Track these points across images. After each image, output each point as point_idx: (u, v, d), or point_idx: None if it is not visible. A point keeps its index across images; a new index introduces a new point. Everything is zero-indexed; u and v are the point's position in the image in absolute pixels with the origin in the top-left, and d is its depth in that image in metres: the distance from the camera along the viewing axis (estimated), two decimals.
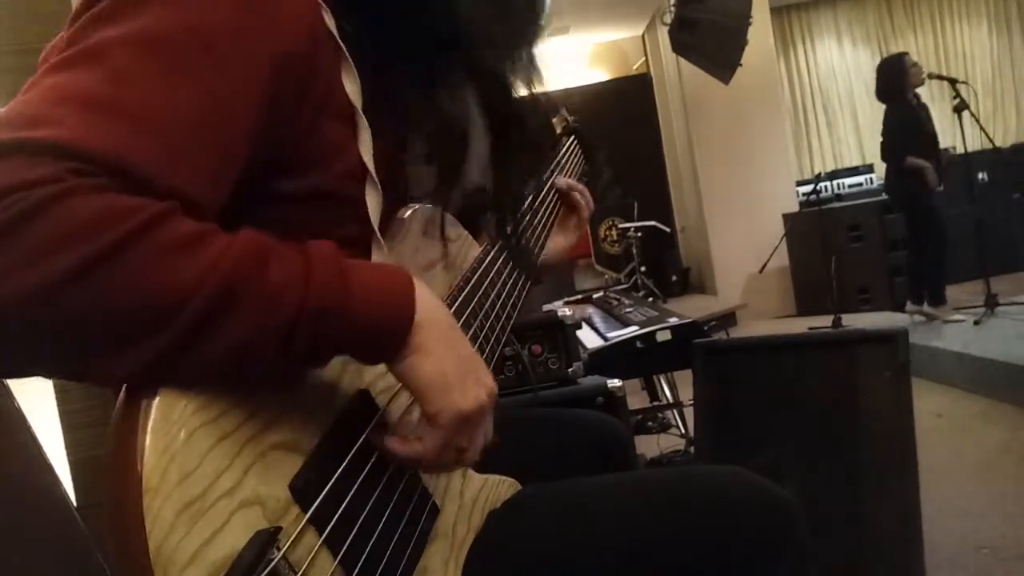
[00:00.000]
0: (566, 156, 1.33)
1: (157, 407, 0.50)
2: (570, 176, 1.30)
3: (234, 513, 0.51)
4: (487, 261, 0.92)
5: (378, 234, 0.71)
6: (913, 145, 4.36)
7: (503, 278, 0.94)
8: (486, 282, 0.90)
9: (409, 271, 0.64)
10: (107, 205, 0.48)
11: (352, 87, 0.67)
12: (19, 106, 0.51)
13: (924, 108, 4.52)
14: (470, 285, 0.86)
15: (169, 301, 0.49)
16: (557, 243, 1.22)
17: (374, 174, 0.69)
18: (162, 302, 0.49)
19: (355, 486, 0.62)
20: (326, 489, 0.58)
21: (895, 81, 4.45)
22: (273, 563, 0.51)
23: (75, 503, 0.97)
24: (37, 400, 1.33)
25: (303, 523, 0.56)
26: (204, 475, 0.50)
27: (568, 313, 1.58)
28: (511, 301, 0.96)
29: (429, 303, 0.63)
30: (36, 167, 0.47)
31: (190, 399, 0.52)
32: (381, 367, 0.68)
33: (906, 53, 4.72)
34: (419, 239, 0.82)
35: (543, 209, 1.17)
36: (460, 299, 0.83)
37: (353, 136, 0.68)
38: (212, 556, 0.49)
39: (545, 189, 1.20)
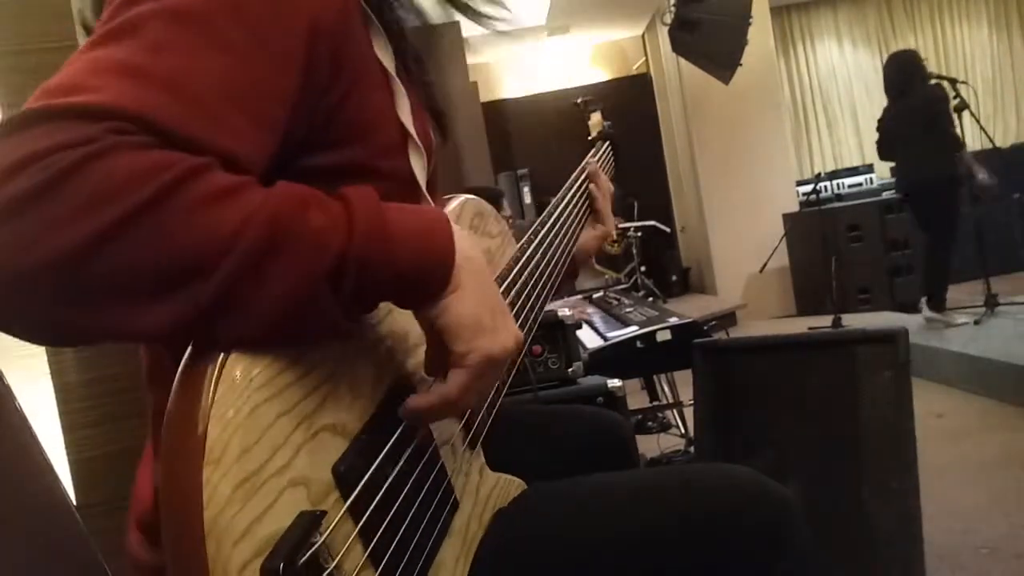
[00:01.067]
0: (600, 159, 1.35)
1: (225, 374, 0.50)
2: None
3: (283, 491, 0.52)
4: (524, 258, 0.93)
5: (428, 197, 0.72)
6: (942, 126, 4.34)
7: (535, 276, 0.95)
8: (520, 280, 0.90)
9: (445, 214, 0.64)
10: (147, 160, 0.48)
11: (384, 53, 0.69)
12: (59, 79, 0.51)
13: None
14: (506, 282, 0.86)
15: (212, 248, 0.49)
16: (588, 234, 1.23)
17: (416, 138, 0.70)
18: (205, 249, 0.49)
19: (392, 476, 0.62)
20: (366, 477, 0.59)
21: (917, 70, 4.44)
22: (315, 546, 0.51)
23: (75, 503, 0.97)
24: (37, 401, 1.33)
25: (343, 511, 0.56)
26: (262, 451, 0.51)
27: (568, 313, 1.58)
28: (542, 296, 0.97)
29: (467, 246, 0.63)
30: (76, 129, 0.48)
31: (256, 370, 0.52)
32: (420, 358, 0.68)
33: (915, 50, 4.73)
34: (466, 231, 0.83)
35: (577, 198, 1.18)
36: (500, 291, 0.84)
37: (391, 103, 0.69)
38: (261, 532, 0.49)
39: (577, 184, 1.21)
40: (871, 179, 6.81)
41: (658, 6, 6.79)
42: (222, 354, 0.51)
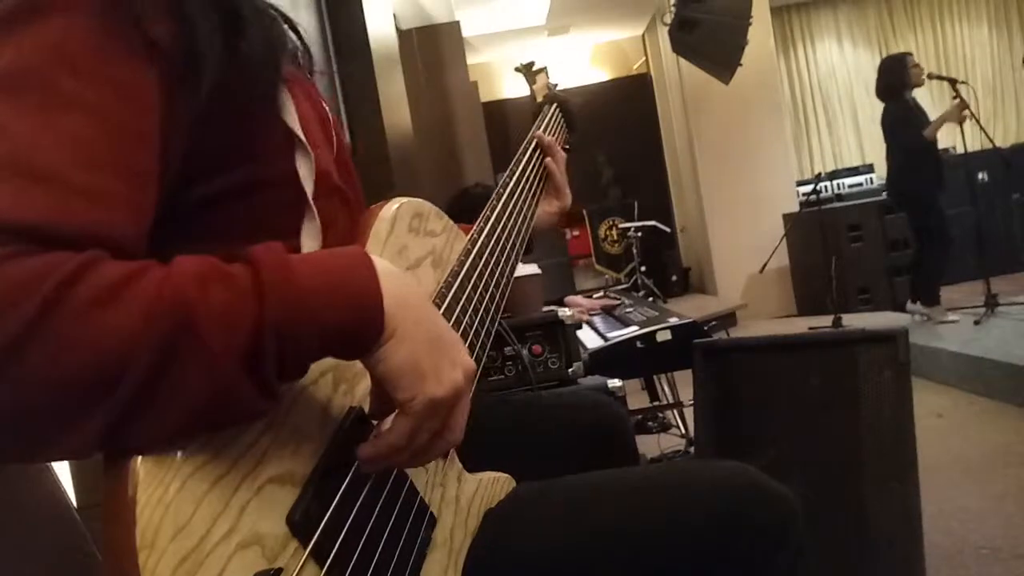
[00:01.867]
0: (548, 124, 1.30)
1: (144, 459, 0.49)
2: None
3: (232, 557, 0.51)
4: (475, 251, 0.90)
5: (311, 203, 0.68)
6: (914, 141, 4.37)
7: (491, 266, 0.93)
8: (475, 273, 0.88)
9: (363, 248, 0.61)
10: (20, 273, 0.44)
11: None
12: None
13: (921, 110, 4.53)
14: (459, 279, 0.84)
15: (111, 360, 0.45)
16: (543, 209, 1.21)
17: (303, 137, 0.67)
18: (104, 362, 0.45)
19: (354, 510, 0.60)
20: (325, 519, 0.57)
21: (896, 79, 4.46)
22: None
23: (75, 503, 0.97)
24: None
25: (303, 558, 0.55)
26: (199, 524, 0.50)
27: (568, 313, 1.58)
28: (501, 283, 0.94)
29: (395, 283, 0.58)
30: None
31: (181, 443, 0.50)
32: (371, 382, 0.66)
33: (909, 53, 4.72)
34: (405, 236, 0.81)
35: (529, 172, 1.16)
36: (450, 296, 0.82)
37: (272, 106, 0.66)
38: None
39: (529, 152, 1.18)
40: (871, 179, 6.80)
41: (658, 6, 6.79)
42: None
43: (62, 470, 1.19)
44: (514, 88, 8.10)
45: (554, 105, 1.36)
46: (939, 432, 3.03)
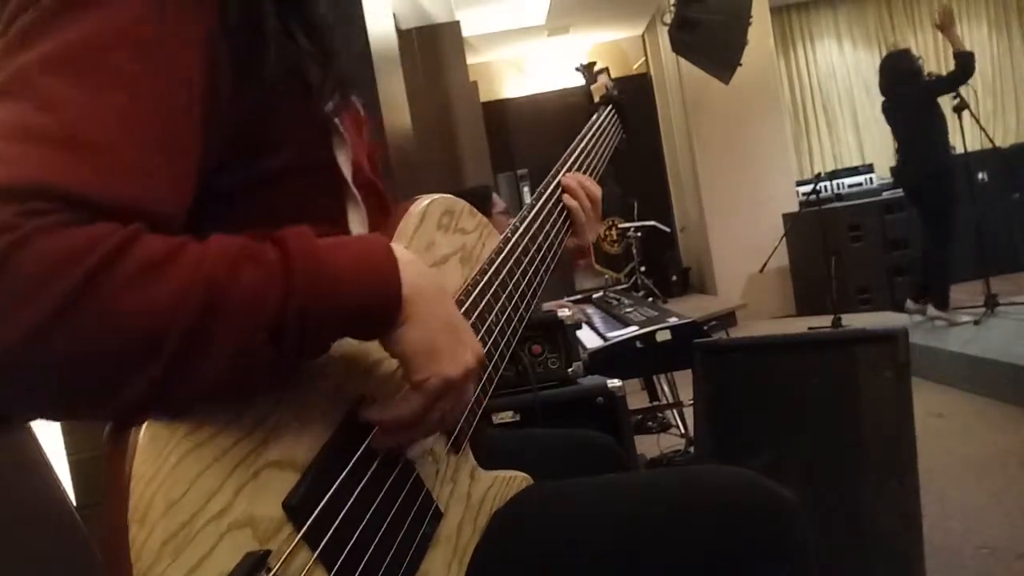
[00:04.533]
0: (603, 125, 1.27)
1: (146, 431, 0.50)
2: (605, 148, 1.23)
3: (223, 536, 0.51)
4: (506, 251, 0.90)
5: (353, 188, 0.71)
6: (937, 120, 4.35)
7: (523, 267, 0.92)
8: (504, 272, 0.88)
9: (384, 237, 0.63)
10: (68, 243, 0.46)
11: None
12: None
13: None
14: (486, 277, 0.84)
15: (150, 330, 0.48)
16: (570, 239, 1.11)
17: (340, 126, 0.69)
18: (143, 332, 0.48)
19: (353, 498, 0.61)
20: (321, 505, 0.58)
21: (905, 67, 4.47)
22: None
23: (75, 503, 0.97)
24: None
25: (295, 542, 0.55)
26: (191, 501, 0.50)
27: (568, 313, 1.58)
28: (531, 290, 0.94)
29: (413, 271, 0.62)
30: None
31: (180, 422, 0.51)
32: (383, 372, 0.67)
33: (908, 49, 4.75)
34: (433, 232, 0.82)
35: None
36: (476, 292, 0.82)
37: (307, 96, 0.67)
38: None
39: (574, 156, 1.13)
40: (871, 179, 6.80)
41: (658, 6, 6.79)
42: None
43: (62, 470, 1.19)
44: (514, 88, 8.10)
45: (610, 107, 1.34)
46: (939, 432, 3.03)
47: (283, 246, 0.55)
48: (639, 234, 5.54)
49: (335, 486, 0.59)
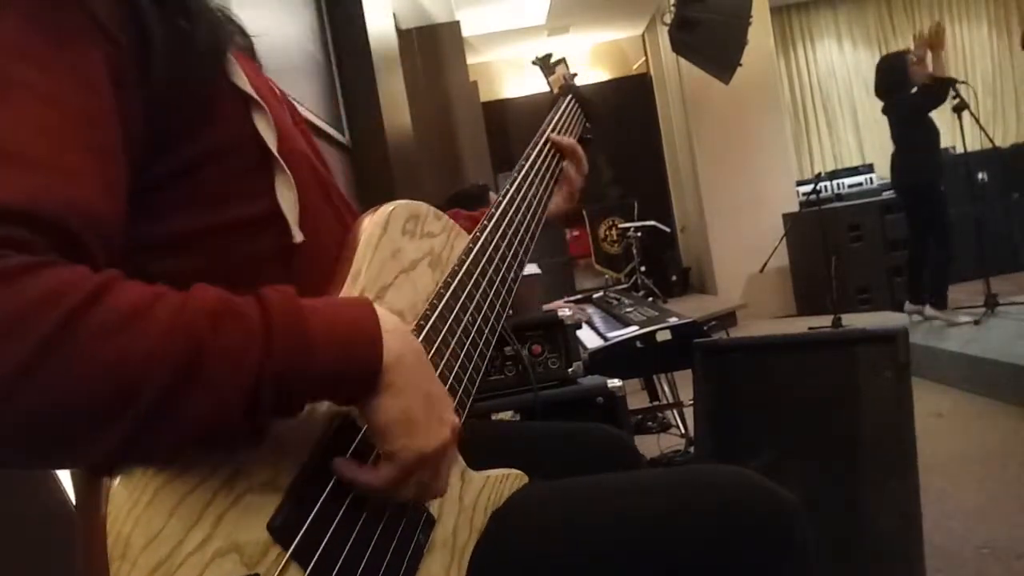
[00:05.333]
0: (564, 115, 1.27)
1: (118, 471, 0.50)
2: (569, 136, 1.24)
3: (208, 566, 0.51)
4: (476, 249, 0.89)
5: (279, 157, 0.69)
6: (923, 132, 4.37)
7: (495, 263, 0.91)
8: (476, 271, 0.87)
9: (370, 300, 0.62)
10: (34, 290, 0.45)
11: None
12: None
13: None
14: (458, 278, 0.83)
15: (123, 385, 0.46)
16: (554, 202, 1.17)
17: (255, 95, 0.68)
18: (116, 387, 0.46)
19: (340, 513, 0.60)
20: (307, 522, 0.57)
21: (897, 76, 4.47)
22: None
23: (75, 503, 0.97)
24: None
25: (284, 562, 0.55)
26: (171, 534, 0.50)
27: (568, 313, 1.58)
28: (508, 279, 0.93)
29: (398, 340, 0.61)
30: None
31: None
32: None
33: (908, 51, 4.73)
34: (399, 239, 0.80)
35: (540, 169, 1.13)
36: (448, 294, 0.81)
37: (222, 74, 0.67)
38: None
39: (540, 145, 1.16)
40: (871, 179, 6.80)
41: (658, 6, 6.80)
42: None
43: (62, 470, 1.19)
44: (514, 88, 8.10)
45: (569, 96, 1.33)
46: (939, 432, 3.03)
47: (265, 304, 0.54)
48: (639, 234, 5.54)
49: (320, 503, 0.59)
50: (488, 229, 0.93)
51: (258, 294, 0.55)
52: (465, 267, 0.86)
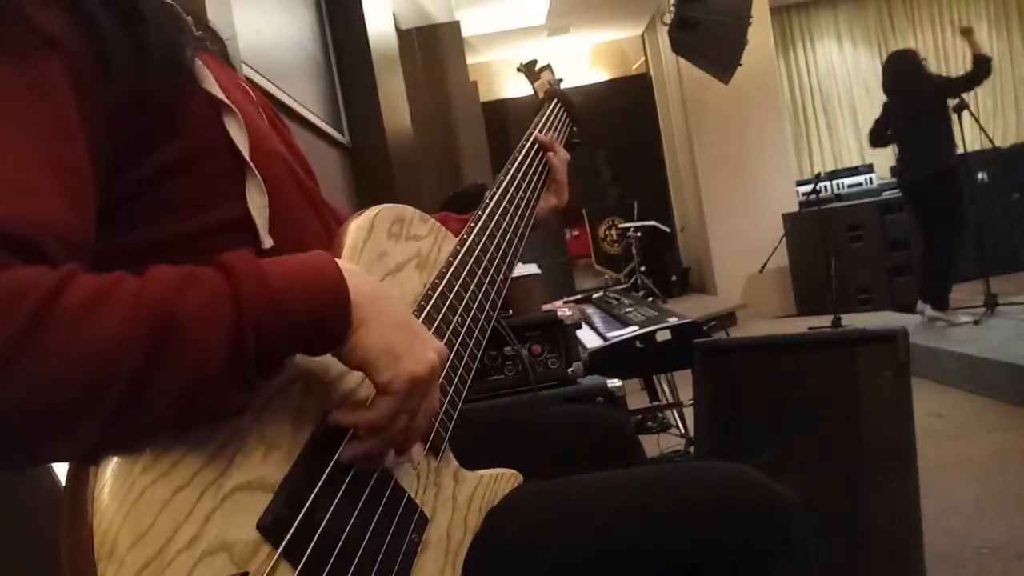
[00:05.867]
0: (549, 118, 1.29)
1: (102, 470, 0.49)
2: (556, 137, 1.27)
3: (197, 565, 0.51)
4: (463, 251, 0.90)
5: (249, 161, 0.69)
6: (946, 120, 4.36)
7: (483, 264, 0.92)
8: (464, 272, 0.87)
9: (327, 253, 0.63)
10: (1, 289, 0.45)
11: None
12: None
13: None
14: (446, 279, 0.84)
15: (100, 368, 0.47)
16: (546, 200, 1.20)
17: (225, 99, 0.68)
18: (91, 370, 0.46)
19: (330, 510, 0.60)
20: (297, 520, 0.57)
21: (912, 69, 4.47)
22: None
23: (61, 502, 0.96)
24: None
25: (274, 561, 0.55)
26: (159, 533, 0.49)
27: (568, 313, 1.58)
28: (497, 280, 0.94)
29: (357, 278, 0.62)
30: None
31: (137, 456, 0.50)
32: (344, 390, 0.67)
33: (912, 48, 4.76)
34: (384, 242, 0.80)
35: (527, 170, 1.15)
36: (436, 295, 0.81)
37: (190, 80, 0.67)
38: None
39: (527, 147, 1.18)
40: (871, 179, 6.81)
41: (658, 6, 6.79)
42: None
43: (61, 468, 1.19)
44: (514, 88, 8.10)
45: (555, 100, 1.35)
46: (939, 432, 3.03)
47: (225, 268, 0.55)
48: (639, 234, 5.54)
49: (310, 501, 0.59)
50: (475, 231, 0.94)
51: (215, 262, 0.55)
52: (452, 268, 0.86)
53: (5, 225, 0.48)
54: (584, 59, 8.27)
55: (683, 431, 2.86)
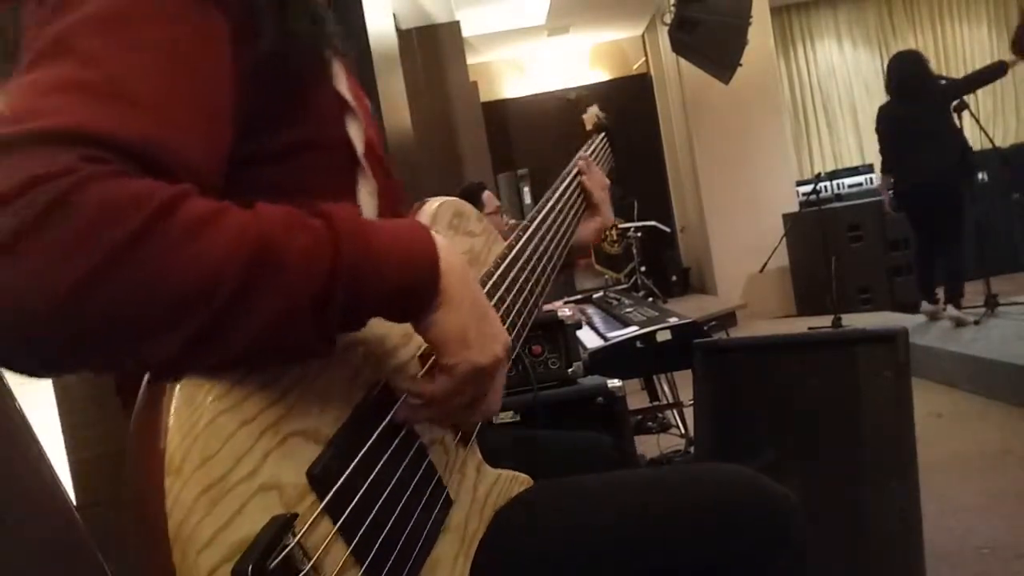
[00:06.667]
0: (594, 150, 1.35)
1: (180, 391, 0.51)
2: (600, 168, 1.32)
3: (252, 497, 0.52)
4: (512, 255, 0.92)
5: (364, 164, 0.72)
6: (953, 119, 4.36)
7: (526, 272, 0.94)
8: (511, 274, 0.90)
9: (424, 224, 0.64)
10: (124, 192, 0.47)
11: None
12: (9, 105, 0.49)
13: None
14: (492, 280, 0.86)
15: (202, 280, 0.48)
16: (587, 221, 1.23)
17: (353, 103, 0.71)
18: (195, 282, 0.48)
19: (372, 475, 0.62)
20: (343, 477, 0.59)
21: (920, 69, 4.47)
22: (288, 548, 0.52)
23: (75, 503, 0.97)
24: (37, 400, 1.33)
25: (319, 511, 0.56)
26: (225, 459, 0.51)
27: (568, 313, 1.58)
28: (536, 290, 0.96)
29: (450, 257, 0.63)
30: (49, 157, 0.46)
31: (213, 384, 0.52)
32: (399, 360, 0.68)
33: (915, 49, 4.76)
34: (445, 232, 0.83)
35: (571, 191, 1.18)
36: (485, 291, 0.82)
37: (324, 73, 0.70)
38: (230, 538, 0.50)
39: (573, 173, 1.21)
40: (871, 179, 6.80)
41: (658, 6, 6.79)
42: None
43: (62, 470, 1.19)
44: (514, 88, 8.11)
45: (602, 135, 1.44)
46: (939, 432, 3.03)
47: (329, 219, 0.56)
48: (639, 234, 5.53)
49: (355, 462, 0.61)
50: (524, 239, 0.97)
51: (320, 210, 0.56)
52: (500, 269, 0.88)
53: (148, 145, 0.50)
54: (584, 59, 8.27)
55: (683, 431, 2.86)
